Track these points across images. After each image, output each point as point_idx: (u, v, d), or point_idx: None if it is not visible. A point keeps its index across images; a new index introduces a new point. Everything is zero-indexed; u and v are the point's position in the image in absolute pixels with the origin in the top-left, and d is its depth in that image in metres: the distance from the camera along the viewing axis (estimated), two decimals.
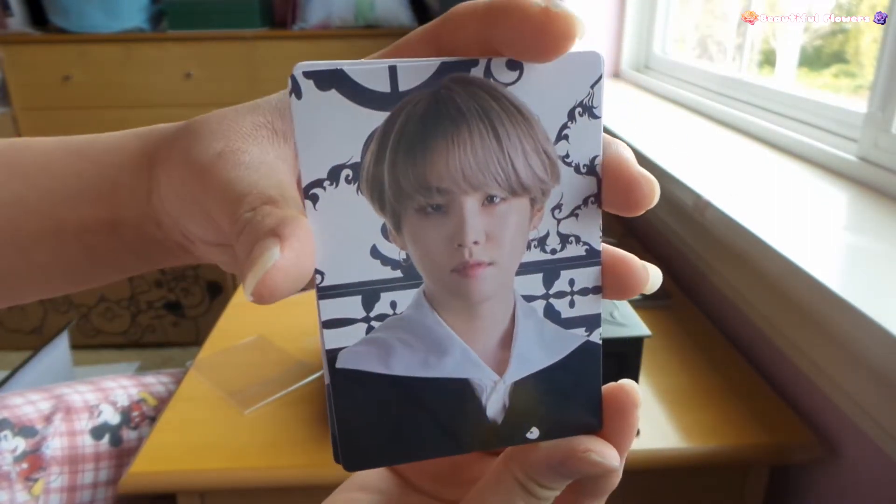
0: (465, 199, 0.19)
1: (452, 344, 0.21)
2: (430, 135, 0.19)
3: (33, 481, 0.71)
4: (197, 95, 2.57)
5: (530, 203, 0.20)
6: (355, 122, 0.18)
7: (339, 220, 0.19)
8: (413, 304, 0.20)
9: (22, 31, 2.57)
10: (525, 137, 0.19)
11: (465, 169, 0.19)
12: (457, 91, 0.19)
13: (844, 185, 0.89)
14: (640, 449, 0.70)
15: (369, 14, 2.50)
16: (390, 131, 0.19)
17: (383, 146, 0.19)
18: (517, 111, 0.19)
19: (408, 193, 0.19)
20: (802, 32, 1.21)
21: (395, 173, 0.19)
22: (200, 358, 0.88)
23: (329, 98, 0.18)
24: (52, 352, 1.51)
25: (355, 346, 0.20)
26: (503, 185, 0.20)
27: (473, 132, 0.19)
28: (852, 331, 0.58)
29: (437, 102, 0.19)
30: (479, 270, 0.20)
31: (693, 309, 0.99)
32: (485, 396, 0.21)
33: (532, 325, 0.21)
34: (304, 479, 0.69)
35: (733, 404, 0.76)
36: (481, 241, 0.20)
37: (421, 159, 0.19)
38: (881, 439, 0.63)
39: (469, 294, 0.20)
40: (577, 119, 0.20)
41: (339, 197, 0.19)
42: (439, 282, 0.20)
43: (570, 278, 0.21)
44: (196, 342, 2.13)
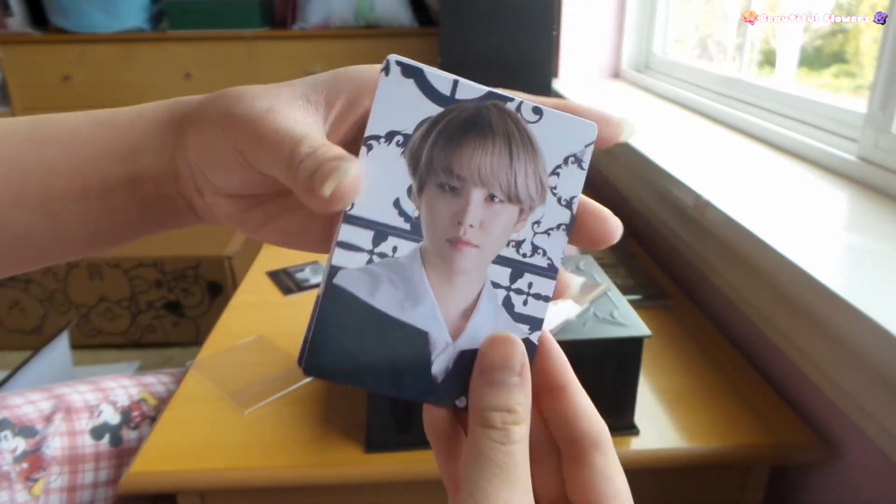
0: (474, 190, 0.25)
1: (426, 298, 0.25)
2: (465, 135, 0.25)
3: (33, 481, 0.71)
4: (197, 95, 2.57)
5: (519, 212, 0.25)
6: (418, 107, 0.24)
7: (380, 170, 0.24)
8: (409, 254, 0.25)
9: (22, 31, 2.57)
10: (530, 163, 0.25)
11: (482, 168, 0.25)
12: (493, 112, 0.25)
13: (844, 185, 0.89)
14: (640, 449, 0.70)
15: (369, 14, 2.50)
16: (439, 122, 0.25)
17: (430, 130, 0.25)
18: (529, 142, 0.25)
19: (435, 170, 0.25)
20: (802, 32, 1.21)
21: (431, 152, 0.25)
22: (200, 358, 0.88)
23: (407, 84, 0.24)
24: (52, 352, 1.51)
25: (354, 270, 0.24)
26: (504, 190, 0.25)
27: (496, 144, 0.25)
28: (852, 331, 0.58)
29: (477, 115, 0.25)
30: (466, 248, 0.25)
31: (693, 309, 0.99)
32: (435, 353, 0.25)
33: (491, 307, 0.25)
34: (304, 479, 0.69)
35: (733, 404, 0.76)
36: (475, 226, 0.25)
37: (453, 150, 0.25)
38: (881, 439, 0.63)
39: (452, 262, 0.25)
40: (569, 165, 0.26)
41: (387, 153, 0.24)
42: (435, 244, 0.25)
43: (529, 281, 0.26)
44: (196, 342, 2.13)
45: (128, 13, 2.52)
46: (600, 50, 1.92)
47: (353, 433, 0.73)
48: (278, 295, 1.06)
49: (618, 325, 0.67)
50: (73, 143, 0.30)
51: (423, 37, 2.50)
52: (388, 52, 0.26)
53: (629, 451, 0.70)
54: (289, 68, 2.53)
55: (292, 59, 2.53)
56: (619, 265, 1.08)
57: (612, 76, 1.95)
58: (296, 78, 0.31)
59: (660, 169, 0.99)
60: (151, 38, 2.54)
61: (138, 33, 2.55)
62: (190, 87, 2.56)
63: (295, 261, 1.16)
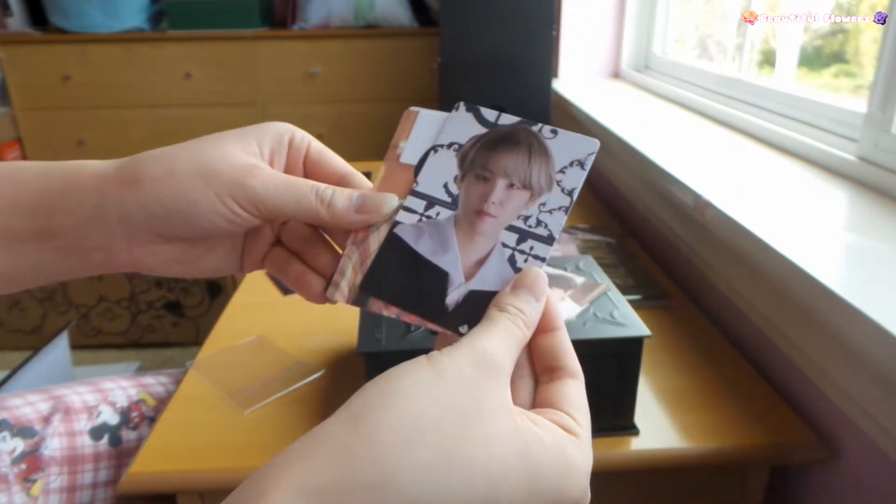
0: (500, 180, 0.36)
1: (452, 248, 0.35)
2: (499, 144, 0.36)
3: (31, 482, 0.71)
4: (197, 95, 2.57)
5: (530, 196, 0.35)
6: (471, 129, 0.37)
7: (439, 165, 0.37)
8: (446, 218, 0.36)
9: (22, 31, 2.57)
10: (543, 163, 0.36)
11: (507, 166, 0.36)
12: (521, 131, 0.36)
13: (844, 185, 0.89)
14: (640, 449, 0.70)
15: (369, 14, 2.50)
16: (483, 137, 0.37)
17: (477, 141, 0.37)
18: (545, 150, 0.36)
19: (475, 165, 0.36)
20: (802, 32, 1.21)
21: (475, 154, 0.37)
22: (200, 358, 0.88)
23: (467, 115, 0.38)
24: (52, 352, 1.51)
25: (408, 225, 0.36)
26: (521, 180, 0.36)
27: (519, 151, 0.36)
28: (852, 331, 0.58)
29: (510, 133, 0.36)
30: (487, 217, 0.35)
31: (693, 309, 0.99)
32: (451, 289, 0.35)
33: (499, 261, 0.35)
34: None
35: (733, 404, 0.76)
36: (496, 203, 0.35)
37: (489, 153, 0.36)
38: (881, 439, 0.63)
39: (475, 226, 0.35)
40: (573, 166, 0.35)
41: (446, 155, 0.37)
42: (465, 214, 0.36)
43: (531, 245, 0.34)
44: (196, 342, 2.13)
45: (128, 13, 2.52)
46: (600, 50, 1.92)
47: None
48: (278, 295, 1.06)
49: (618, 325, 0.67)
50: None
51: (423, 37, 2.50)
52: (388, 51, 0.27)
53: (629, 451, 0.70)
54: (289, 68, 2.53)
55: (292, 59, 2.53)
56: (619, 265, 1.08)
57: (612, 76, 1.95)
58: (296, 77, 0.33)
59: (660, 169, 0.99)
60: (151, 38, 2.54)
61: (138, 33, 2.54)
62: (190, 87, 2.56)
63: None
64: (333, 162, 0.39)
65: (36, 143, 2.61)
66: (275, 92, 2.57)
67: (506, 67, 1.41)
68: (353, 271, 0.37)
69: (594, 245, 1.17)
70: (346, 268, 0.37)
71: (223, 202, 0.34)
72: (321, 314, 0.99)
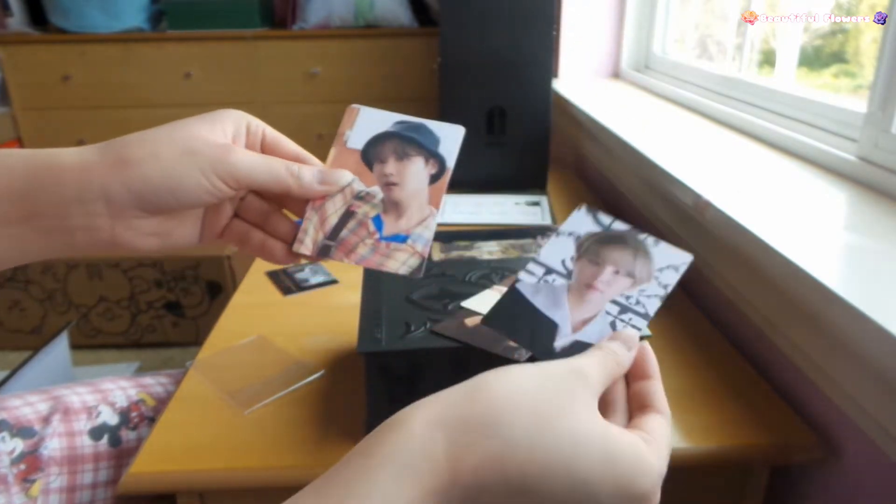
0: (608, 266, 0.45)
1: (563, 307, 0.44)
2: (611, 241, 0.47)
3: (31, 482, 0.71)
4: (197, 95, 2.57)
5: (632, 283, 0.44)
6: (589, 226, 0.48)
7: (559, 246, 0.47)
8: (561, 285, 0.45)
9: (22, 31, 2.57)
10: (644, 261, 0.45)
11: (616, 259, 0.45)
12: (630, 235, 0.47)
13: (844, 185, 0.89)
14: None
15: (369, 14, 2.50)
16: (599, 234, 0.48)
17: (593, 236, 0.48)
18: (647, 252, 0.46)
19: (589, 252, 0.46)
20: (802, 32, 1.21)
21: (590, 244, 0.47)
22: (200, 358, 0.88)
23: (587, 216, 0.49)
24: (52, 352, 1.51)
25: (527, 282, 0.46)
26: (626, 271, 0.45)
27: (627, 248, 0.46)
28: (852, 330, 0.58)
29: (622, 235, 0.47)
30: (595, 291, 0.44)
31: (693, 309, 0.99)
32: (559, 337, 0.43)
33: (602, 322, 0.43)
34: (303, 479, 0.68)
35: (733, 404, 0.76)
36: (604, 282, 0.44)
37: (603, 246, 0.47)
38: (881, 439, 0.63)
39: (584, 295, 0.45)
40: (668, 268, 0.45)
41: (566, 240, 0.48)
42: (577, 285, 0.45)
43: (630, 316, 0.44)
44: (196, 342, 2.13)
45: (127, 13, 2.52)
46: (600, 50, 1.92)
47: (353, 433, 0.73)
48: (278, 295, 1.06)
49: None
50: None
51: (423, 37, 2.50)
52: (388, 51, 0.27)
53: None
54: (289, 68, 2.53)
55: (292, 59, 2.53)
56: None
57: (612, 76, 1.95)
58: (296, 78, 0.35)
59: (660, 169, 0.99)
60: (151, 38, 2.54)
61: (138, 33, 2.54)
62: (190, 86, 2.56)
63: None
64: (288, 145, 0.46)
65: (36, 143, 2.61)
66: (275, 92, 2.57)
67: (506, 67, 1.41)
68: (314, 230, 0.45)
69: None
70: (309, 227, 0.45)
71: (207, 178, 0.39)
72: (321, 314, 0.99)
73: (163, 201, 0.39)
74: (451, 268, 0.78)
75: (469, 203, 1.40)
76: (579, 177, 1.73)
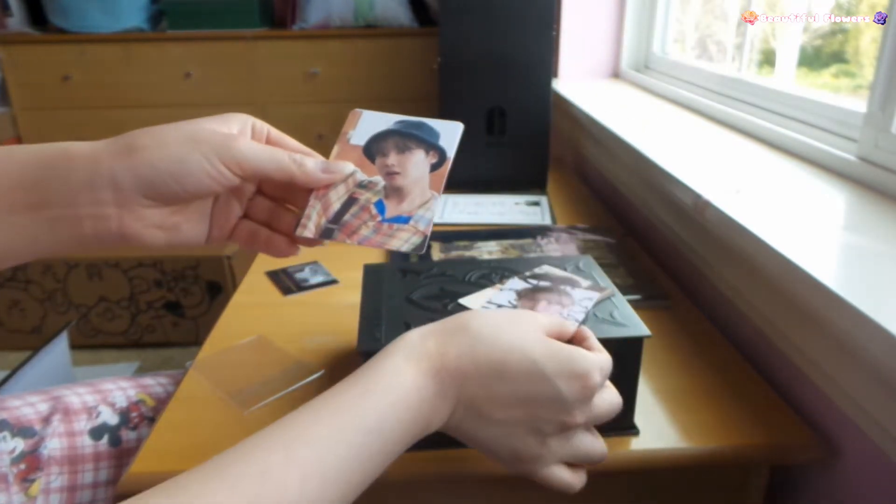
0: (542, 303, 0.64)
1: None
2: (539, 290, 0.69)
3: (30, 482, 0.71)
4: (197, 95, 2.57)
5: (559, 309, 0.64)
6: None
7: (502, 297, 0.66)
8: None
9: (22, 31, 2.57)
10: (568, 299, 0.67)
11: (549, 299, 0.66)
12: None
13: (844, 185, 0.89)
14: (640, 449, 0.70)
15: (369, 14, 2.50)
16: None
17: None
18: (569, 297, 0.68)
19: (526, 298, 0.66)
20: (802, 32, 1.21)
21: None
22: (200, 358, 0.88)
23: None
24: (52, 352, 1.51)
25: None
26: (554, 305, 0.65)
27: (560, 296, 0.67)
28: (852, 331, 0.58)
29: (546, 287, 0.69)
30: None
31: (693, 309, 0.99)
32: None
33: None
34: None
35: (733, 404, 0.76)
36: (541, 310, 0.63)
37: (533, 298, 0.67)
38: (881, 439, 0.63)
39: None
40: (582, 301, 0.66)
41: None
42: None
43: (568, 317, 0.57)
44: (196, 342, 2.13)
45: (127, 13, 2.52)
46: (600, 50, 1.92)
47: None
48: (278, 295, 1.06)
49: (618, 326, 0.67)
50: None
51: (423, 36, 2.50)
52: (388, 51, 0.27)
53: (629, 452, 0.70)
54: (289, 68, 2.53)
55: (292, 59, 2.53)
56: (618, 265, 1.08)
57: (612, 76, 1.95)
58: (296, 77, 0.37)
59: (660, 169, 0.99)
60: (151, 38, 2.54)
61: (138, 33, 2.54)
62: (190, 87, 2.56)
63: (295, 261, 1.16)
64: (292, 143, 0.48)
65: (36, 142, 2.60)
66: (275, 92, 2.57)
67: (506, 67, 1.41)
68: (317, 215, 0.48)
69: (594, 245, 1.17)
70: (312, 213, 0.48)
71: (210, 162, 0.41)
72: (321, 314, 0.99)
73: (169, 188, 0.41)
74: (450, 268, 0.78)
75: (469, 203, 1.40)
76: (579, 177, 1.73)
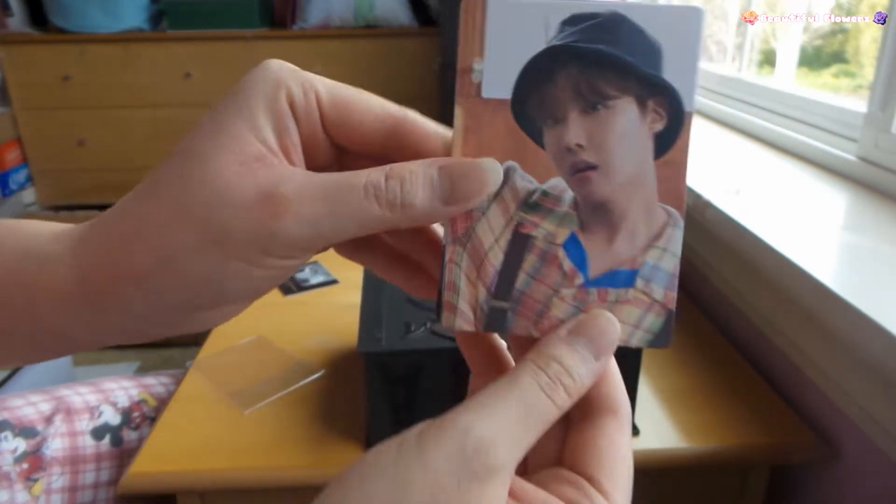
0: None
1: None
2: None
3: (33, 481, 0.71)
4: (197, 95, 2.57)
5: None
6: None
7: None
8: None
9: (22, 31, 2.57)
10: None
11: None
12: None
13: (844, 185, 0.89)
14: (640, 449, 0.70)
15: (369, 14, 2.50)
16: None
17: None
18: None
19: None
20: (802, 32, 1.21)
21: None
22: (200, 358, 0.88)
23: None
24: None
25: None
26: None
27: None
28: (852, 331, 0.58)
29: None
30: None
31: (693, 309, 0.99)
32: None
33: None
34: (304, 479, 0.69)
35: (733, 404, 0.76)
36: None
37: None
38: (881, 439, 0.63)
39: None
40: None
41: None
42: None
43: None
44: (196, 342, 2.12)
45: (128, 13, 2.52)
46: None
47: (353, 433, 0.73)
48: (278, 295, 1.06)
49: None
50: None
51: (423, 37, 2.50)
52: (388, 51, 0.25)
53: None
54: None
55: (292, 59, 2.48)
56: None
57: None
58: None
59: None
60: (151, 38, 2.54)
61: (138, 33, 2.54)
62: (190, 87, 2.56)
63: None
64: (369, 109, 0.26)
65: (36, 143, 2.61)
66: None
67: None
68: (467, 283, 0.26)
69: None
70: (458, 279, 0.26)
71: (257, 265, 0.24)
72: (321, 314, 0.99)
73: (188, 317, 0.25)
74: None
75: None
76: None
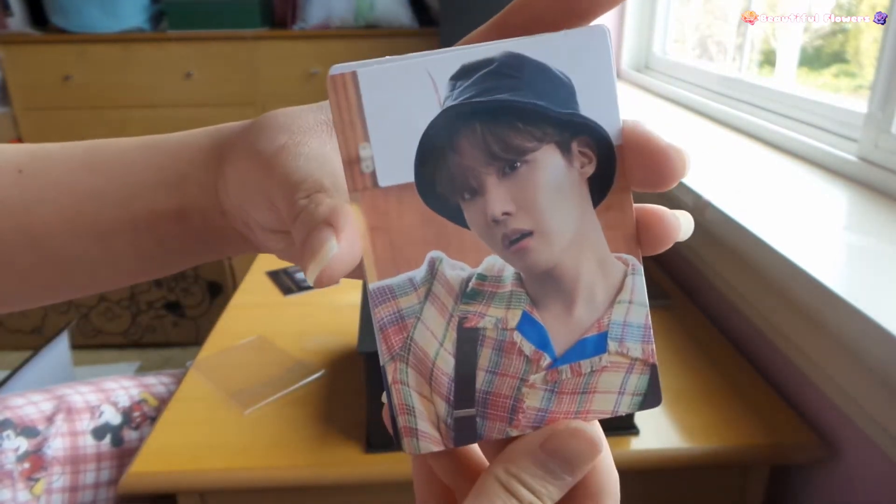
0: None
1: None
2: None
3: (34, 481, 0.71)
4: (197, 95, 2.57)
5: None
6: None
7: None
8: None
9: (22, 31, 2.57)
10: None
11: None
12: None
13: (844, 185, 0.89)
14: (640, 449, 0.70)
15: (369, 14, 2.50)
16: None
17: None
18: None
19: None
20: (802, 32, 1.21)
21: None
22: (200, 358, 0.88)
23: None
24: (53, 352, 1.51)
25: None
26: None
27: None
28: (852, 331, 0.58)
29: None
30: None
31: (693, 309, 0.99)
32: None
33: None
34: (304, 479, 0.69)
35: (733, 404, 0.76)
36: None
37: None
38: (881, 439, 0.63)
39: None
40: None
41: None
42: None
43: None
44: (196, 342, 2.13)
45: (128, 13, 2.52)
46: None
47: (353, 433, 0.73)
48: (278, 295, 1.06)
49: None
50: (121, 170, 0.29)
51: (423, 37, 2.50)
52: (388, 51, 0.24)
53: (629, 451, 0.70)
54: (289, 68, 2.53)
55: (292, 60, 2.53)
56: None
57: None
58: (296, 77, 0.29)
59: None
60: (151, 38, 2.54)
61: (138, 33, 2.54)
62: (190, 87, 2.56)
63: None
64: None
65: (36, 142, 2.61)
66: (275, 92, 2.57)
67: None
68: (421, 400, 0.22)
69: None
70: (409, 399, 0.22)
71: (261, 192, 0.25)
72: (321, 314, 0.99)
73: (259, 218, 0.26)
74: None
75: None
76: None
